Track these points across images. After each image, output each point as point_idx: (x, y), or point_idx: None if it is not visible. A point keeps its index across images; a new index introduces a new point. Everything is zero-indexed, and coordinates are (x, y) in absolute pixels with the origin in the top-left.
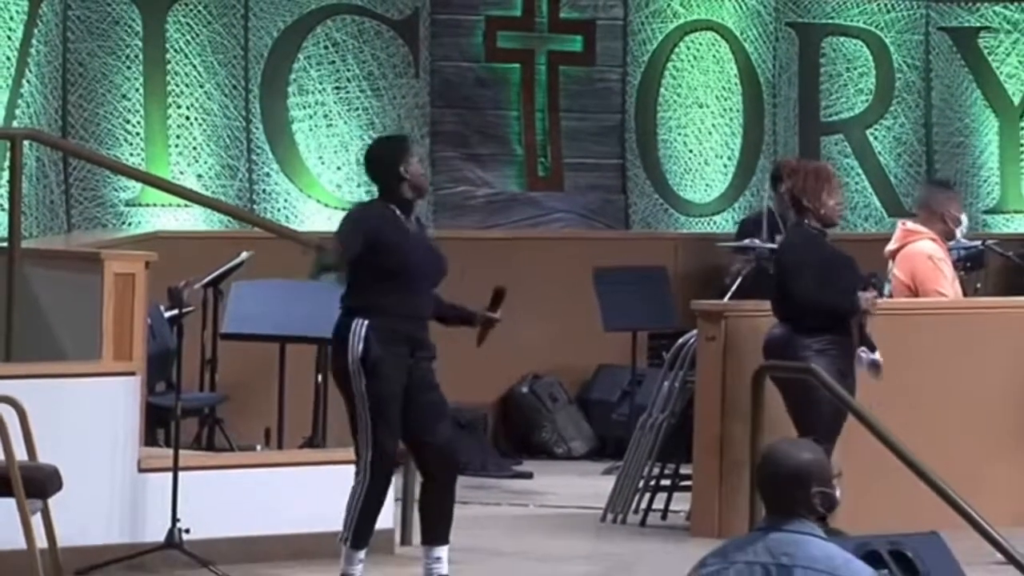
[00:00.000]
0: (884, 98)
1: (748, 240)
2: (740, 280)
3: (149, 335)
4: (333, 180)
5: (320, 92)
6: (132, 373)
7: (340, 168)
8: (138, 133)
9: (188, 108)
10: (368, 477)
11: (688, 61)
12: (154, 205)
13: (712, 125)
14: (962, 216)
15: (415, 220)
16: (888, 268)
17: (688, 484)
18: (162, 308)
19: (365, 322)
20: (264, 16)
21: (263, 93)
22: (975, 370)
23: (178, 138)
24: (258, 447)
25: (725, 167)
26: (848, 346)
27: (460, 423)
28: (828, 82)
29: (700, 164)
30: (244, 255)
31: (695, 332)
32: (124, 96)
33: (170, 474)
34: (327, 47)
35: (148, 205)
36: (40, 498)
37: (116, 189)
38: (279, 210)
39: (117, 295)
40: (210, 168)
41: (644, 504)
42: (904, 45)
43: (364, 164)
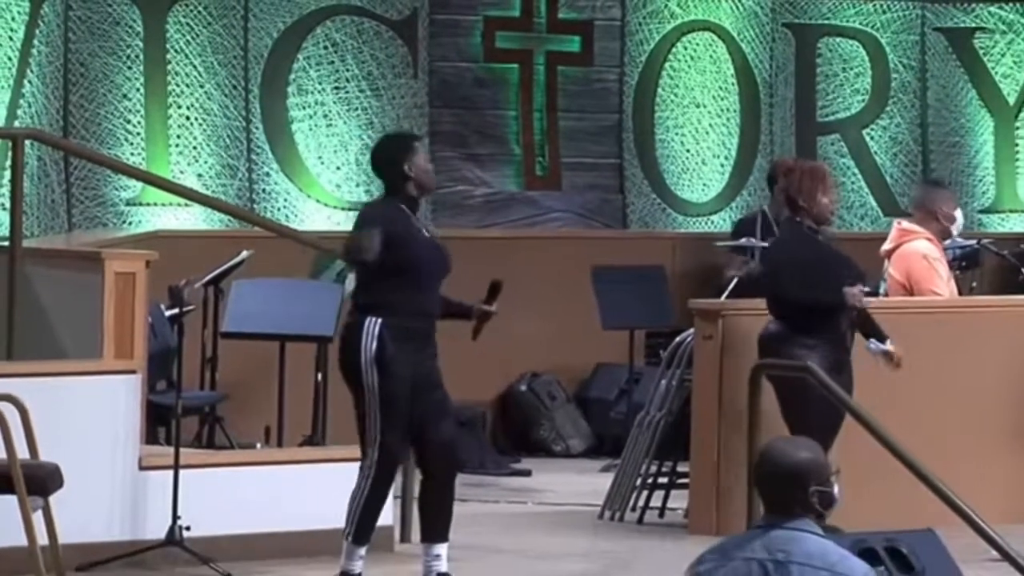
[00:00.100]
0: (880, 98)
1: (745, 240)
2: (737, 280)
3: (150, 334)
4: (332, 180)
5: (319, 92)
6: (133, 371)
7: (339, 168)
8: (139, 133)
9: (188, 108)
10: (373, 474)
11: (685, 61)
12: (155, 204)
13: (709, 125)
14: (956, 213)
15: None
16: (884, 267)
17: (685, 482)
18: (163, 307)
19: (379, 320)
20: (264, 17)
21: (263, 93)
22: (971, 369)
23: (178, 138)
24: (258, 445)
25: (722, 167)
26: (840, 342)
27: (459, 421)
28: (824, 82)
29: (697, 164)
30: (244, 254)
31: (692, 331)
32: (125, 96)
33: (171, 472)
34: (326, 47)
35: (149, 204)
36: (41, 495)
37: (117, 188)
38: (279, 209)
39: (118, 294)
40: (210, 168)
41: (642, 502)
42: (900, 45)
43: (370, 162)
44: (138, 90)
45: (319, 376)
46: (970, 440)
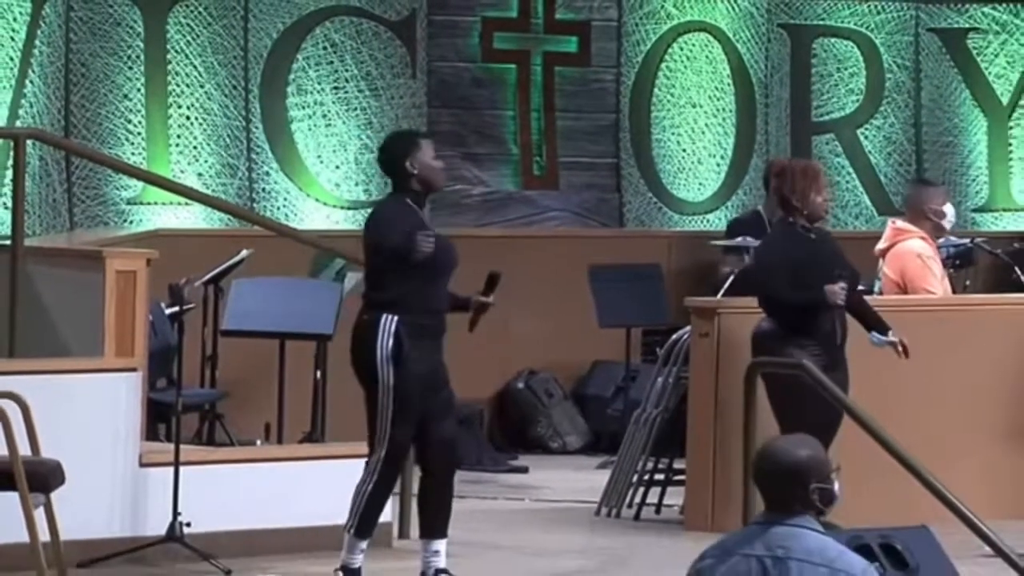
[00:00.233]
0: (874, 98)
1: (740, 239)
2: (732, 277)
3: (150, 332)
4: (331, 179)
5: (319, 92)
6: (133, 369)
7: (338, 167)
8: (139, 132)
9: (189, 108)
10: (380, 468)
11: (681, 62)
12: (155, 203)
13: (705, 125)
14: (946, 209)
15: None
16: (879, 266)
17: (682, 478)
18: (163, 305)
19: (395, 318)
20: (264, 17)
21: (263, 93)
22: (964, 366)
23: (179, 137)
24: (258, 442)
25: (718, 166)
26: (831, 340)
27: (457, 418)
28: (819, 82)
29: (693, 163)
30: (244, 253)
31: (688, 328)
32: (126, 96)
33: (171, 469)
34: (326, 48)
35: (149, 203)
36: (43, 492)
37: (118, 188)
38: (278, 208)
39: (119, 292)
40: (210, 167)
41: (638, 498)
42: (894, 46)
43: (377, 160)
44: (139, 90)
45: (318, 374)
46: (964, 437)
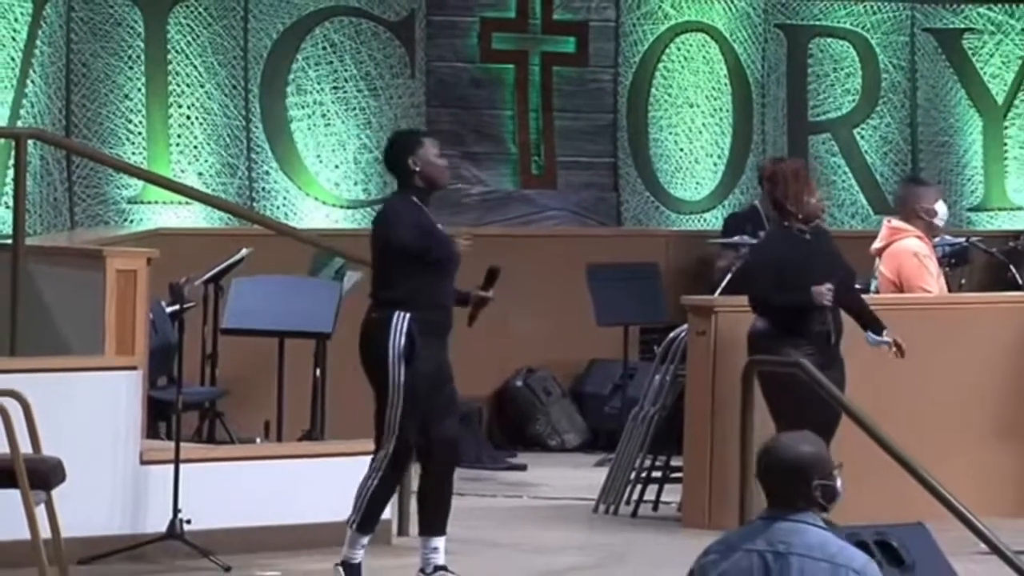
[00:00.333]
0: (870, 98)
1: (738, 237)
2: (729, 276)
3: (151, 330)
4: (331, 178)
5: (318, 92)
6: (134, 367)
7: (338, 166)
8: (140, 132)
9: (189, 108)
10: (387, 465)
11: (679, 62)
12: (156, 203)
13: (702, 124)
14: (938, 206)
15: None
16: (875, 265)
17: (679, 476)
18: (163, 304)
19: (407, 315)
20: (263, 18)
21: (262, 93)
22: (960, 364)
23: (179, 137)
24: (258, 440)
25: (715, 165)
26: (824, 339)
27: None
28: (816, 82)
29: (690, 162)
30: (244, 252)
31: (686, 327)
32: (126, 96)
33: (171, 466)
34: (325, 48)
35: (150, 203)
36: (44, 489)
37: (118, 187)
38: (278, 207)
39: (119, 291)
40: (211, 166)
41: (636, 495)
42: (890, 46)
43: (382, 158)
44: (139, 90)
45: (318, 372)
46: (959, 435)
